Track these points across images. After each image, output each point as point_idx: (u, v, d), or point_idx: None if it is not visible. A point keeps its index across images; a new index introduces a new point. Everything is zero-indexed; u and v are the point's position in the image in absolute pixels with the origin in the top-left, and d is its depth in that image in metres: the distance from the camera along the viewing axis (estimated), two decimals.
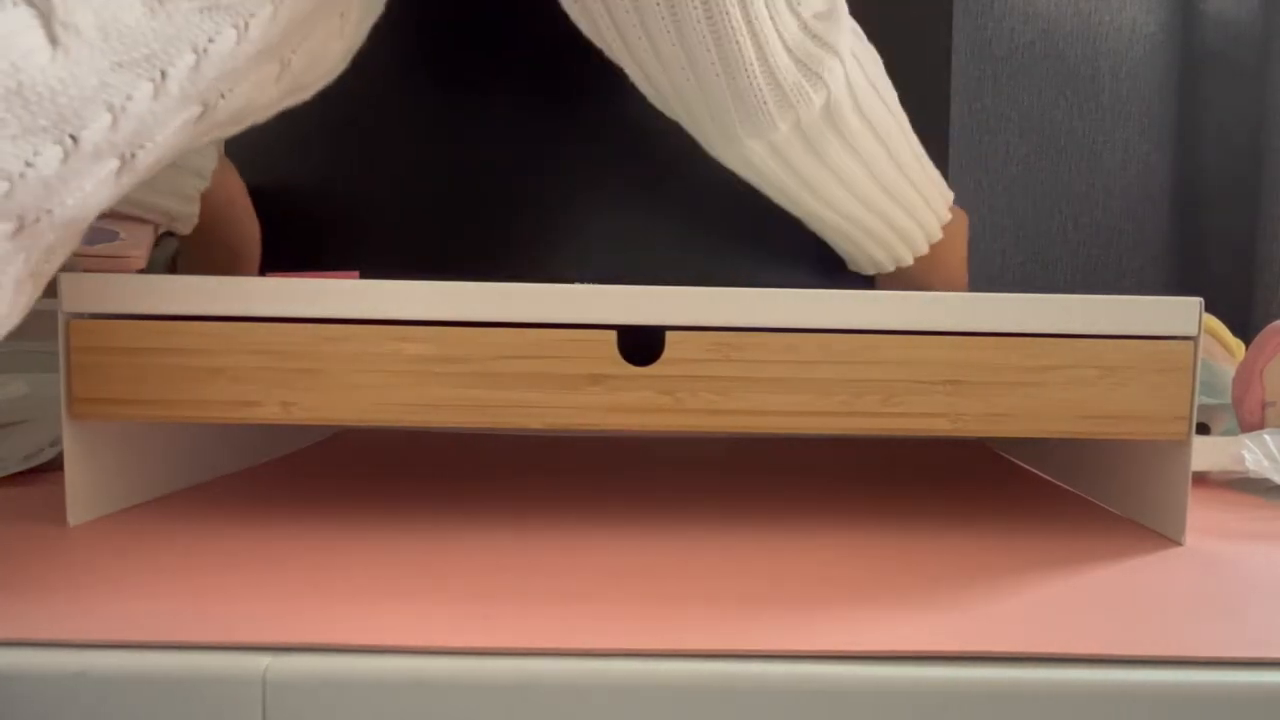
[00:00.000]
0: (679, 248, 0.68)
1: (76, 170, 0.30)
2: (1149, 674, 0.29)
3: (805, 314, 0.41)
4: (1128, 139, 0.87)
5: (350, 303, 0.40)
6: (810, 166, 0.53)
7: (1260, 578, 0.38)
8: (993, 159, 0.88)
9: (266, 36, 0.35)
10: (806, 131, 0.50)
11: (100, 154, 0.31)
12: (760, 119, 0.48)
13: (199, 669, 0.28)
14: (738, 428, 0.41)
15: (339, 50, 0.42)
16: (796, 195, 0.56)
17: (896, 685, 0.28)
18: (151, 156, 0.33)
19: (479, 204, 0.69)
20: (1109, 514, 0.49)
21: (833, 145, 0.51)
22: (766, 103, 0.47)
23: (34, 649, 0.29)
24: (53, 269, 0.33)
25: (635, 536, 0.43)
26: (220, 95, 0.35)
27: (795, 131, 0.49)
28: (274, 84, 0.38)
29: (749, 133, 0.49)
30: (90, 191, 0.31)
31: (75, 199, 0.31)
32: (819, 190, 0.55)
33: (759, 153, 0.51)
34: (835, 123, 0.50)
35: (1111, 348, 0.41)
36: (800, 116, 0.49)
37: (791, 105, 0.48)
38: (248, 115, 0.39)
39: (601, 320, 0.41)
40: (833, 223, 0.59)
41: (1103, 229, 0.88)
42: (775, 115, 0.48)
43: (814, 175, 0.53)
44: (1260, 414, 0.59)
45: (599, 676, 0.28)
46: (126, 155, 0.32)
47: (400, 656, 0.29)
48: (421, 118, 0.69)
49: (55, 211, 0.31)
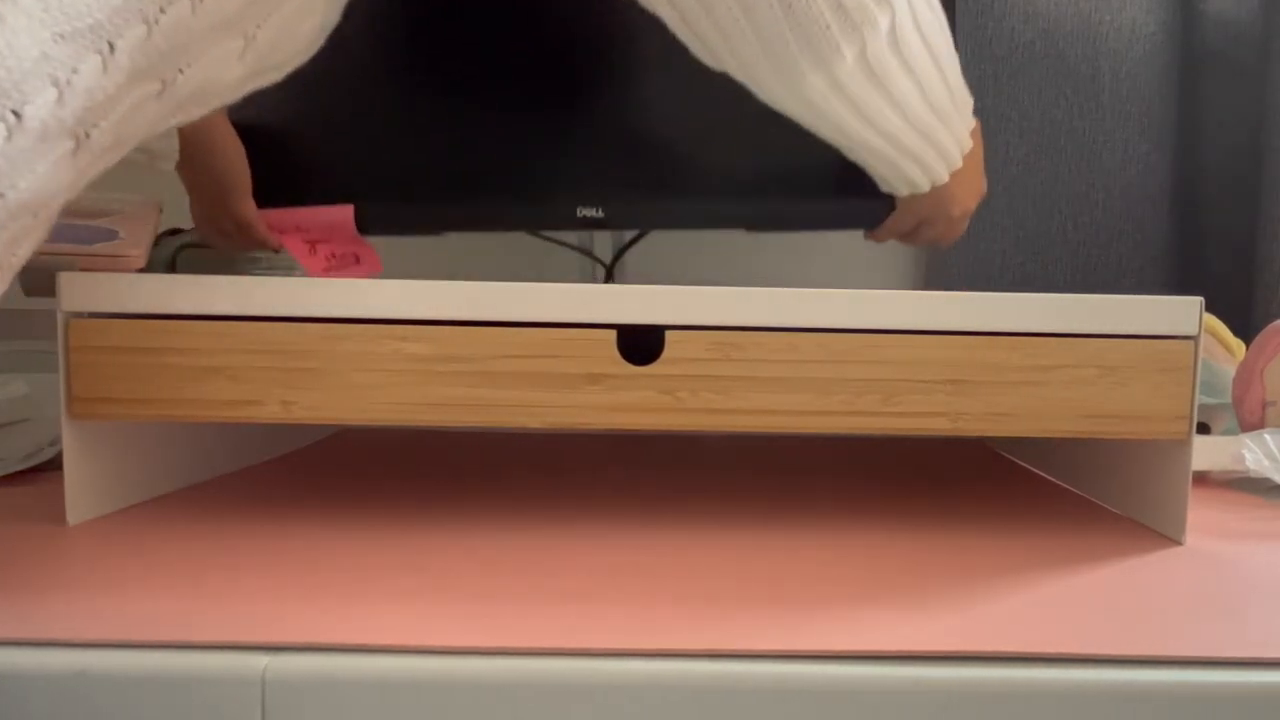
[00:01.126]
0: (682, 158, 0.66)
1: (24, 150, 0.29)
2: (1149, 674, 0.29)
3: (805, 314, 0.41)
4: (1128, 139, 0.87)
5: (350, 303, 0.40)
6: (873, 98, 0.50)
7: (1260, 577, 0.38)
8: (993, 159, 0.88)
9: (223, 8, 0.34)
10: (872, 61, 0.47)
11: (49, 133, 0.30)
12: (823, 47, 0.45)
13: (198, 668, 0.28)
14: (738, 427, 0.41)
15: (310, 28, 0.40)
16: (853, 129, 0.53)
17: (896, 685, 0.28)
18: (109, 137, 0.32)
19: (473, 128, 0.66)
20: (1109, 513, 0.49)
21: (896, 73, 0.48)
22: (830, 28, 0.44)
23: (34, 648, 0.29)
24: (19, 261, 0.32)
25: (634, 536, 0.42)
26: (179, 70, 0.34)
27: (860, 62, 0.46)
28: (238, 60, 0.37)
29: (812, 65, 0.46)
30: (45, 174, 0.30)
31: (28, 182, 0.30)
32: (874, 120, 0.52)
33: (819, 89, 0.48)
34: (899, 47, 0.47)
35: (1112, 347, 0.41)
36: (866, 42, 0.45)
37: (857, 27, 0.44)
38: (211, 95, 0.37)
39: (601, 320, 0.41)
40: (879, 149, 0.56)
41: (1103, 229, 0.88)
42: (840, 41, 0.45)
43: (874, 107, 0.51)
44: (1260, 413, 0.59)
45: (597, 676, 0.28)
46: (81, 135, 0.31)
47: (399, 656, 0.29)
48: (411, 43, 0.67)
49: (8, 195, 0.29)
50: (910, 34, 0.47)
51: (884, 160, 0.57)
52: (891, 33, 0.46)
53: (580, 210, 0.64)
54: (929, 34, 0.49)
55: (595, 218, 0.64)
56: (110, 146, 0.33)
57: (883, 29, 0.45)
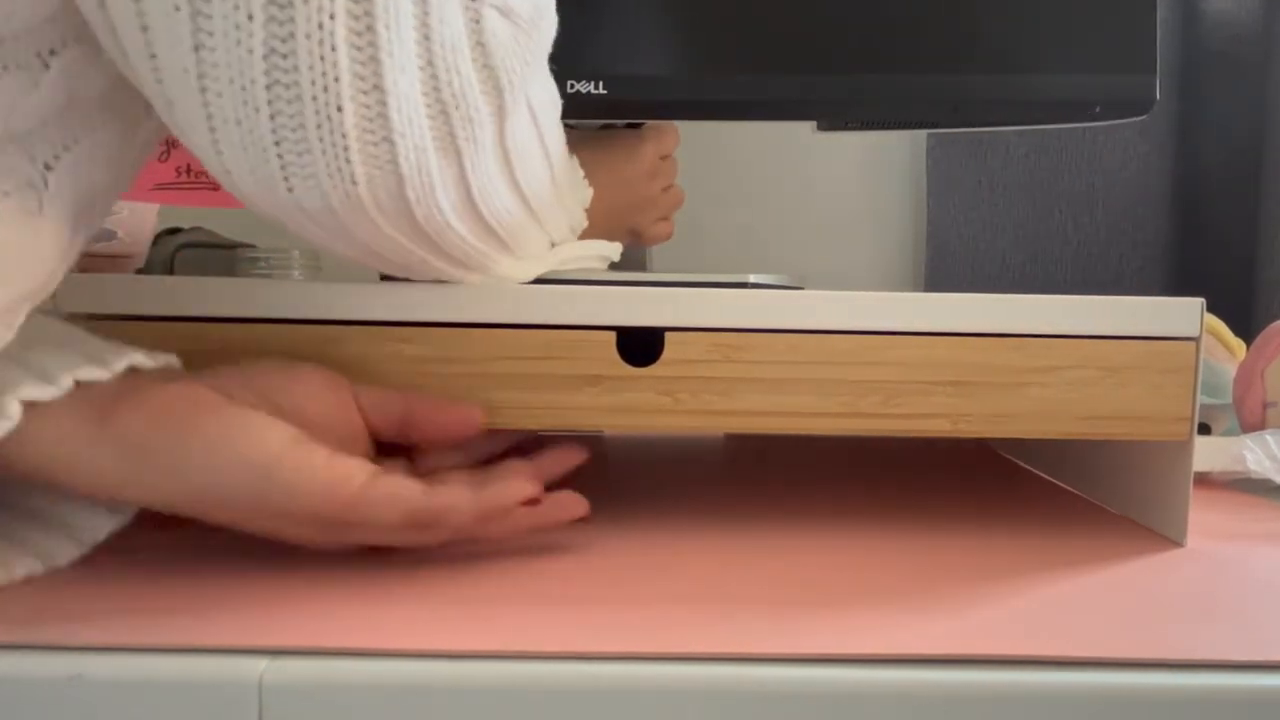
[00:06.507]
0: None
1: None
2: (1150, 677, 0.29)
3: (805, 315, 0.41)
4: (1128, 139, 0.87)
5: (350, 305, 0.40)
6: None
7: (1262, 579, 0.38)
8: (993, 159, 0.88)
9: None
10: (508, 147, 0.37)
11: None
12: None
13: (195, 672, 0.28)
14: (738, 428, 0.41)
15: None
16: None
17: (895, 689, 0.28)
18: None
19: None
20: (1110, 515, 0.49)
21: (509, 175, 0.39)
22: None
23: (29, 652, 0.29)
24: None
25: (633, 537, 0.42)
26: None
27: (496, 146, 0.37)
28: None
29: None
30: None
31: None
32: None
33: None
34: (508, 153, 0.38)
35: (1113, 348, 0.41)
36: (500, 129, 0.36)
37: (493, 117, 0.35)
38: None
39: (601, 322, 0.40)
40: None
41: (1103, 229, 0.88)
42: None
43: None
44: (1261, 414, 0.59)
45: (594, 680, 0.28)
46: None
47: (398, 660, 0.29)
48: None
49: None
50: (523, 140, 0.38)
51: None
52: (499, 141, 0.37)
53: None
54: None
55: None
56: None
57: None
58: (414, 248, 0.36)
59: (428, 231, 0.35)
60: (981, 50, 0.58)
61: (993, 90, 0.58)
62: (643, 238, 0.66)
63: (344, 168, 0.31)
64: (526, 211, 0.40)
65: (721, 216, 0.91)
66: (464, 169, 0.34)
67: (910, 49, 0.58)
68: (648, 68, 0.60)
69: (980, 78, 0.58)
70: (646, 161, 0.63)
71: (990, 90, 0.58)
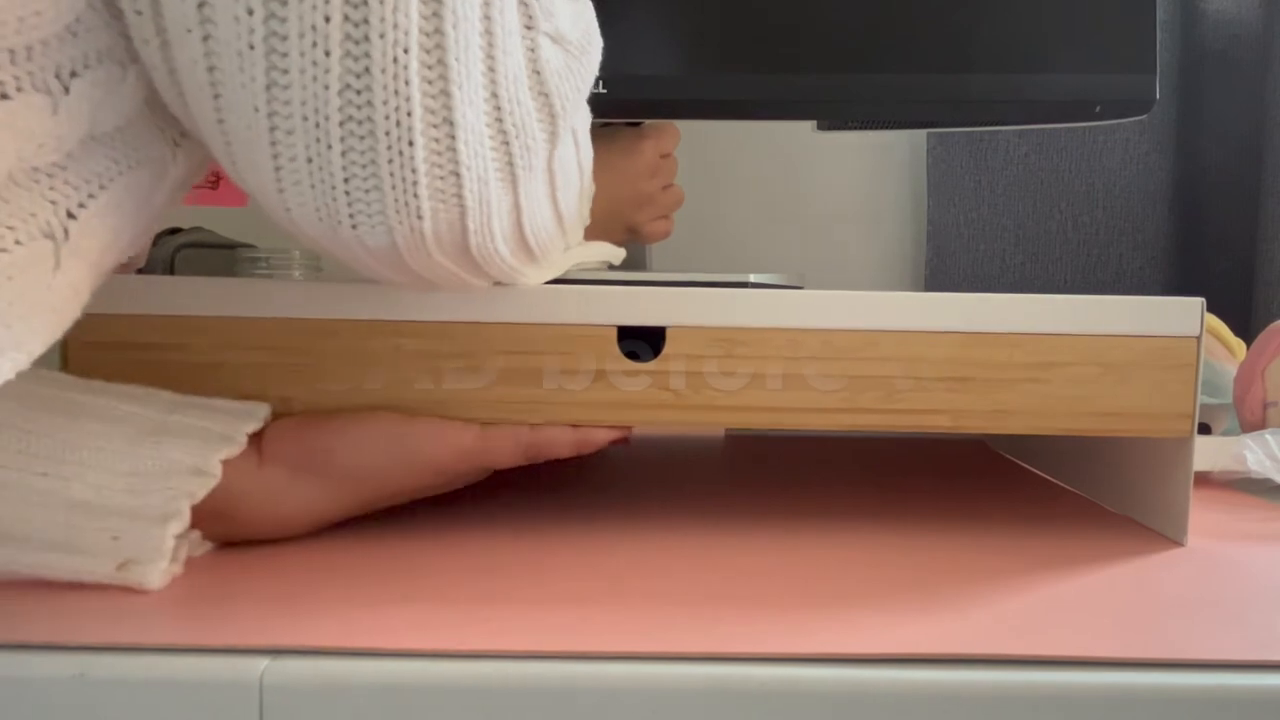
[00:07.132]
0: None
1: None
2: (1150, 677, 0.29)
3: (806, 314, 0.41)
4: (1128, 139, 0.87)
5: (349, 304, 0.40)
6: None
7: (1262, 579, 0.38)
8: (993, 159, 0.88)
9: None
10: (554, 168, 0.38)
11: None
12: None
13: (196, 672, 0.28)
14: (738, 424, 0.41)
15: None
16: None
17: (895, 689, 0.28)
18: None
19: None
20: (1110, 514, 0.49)
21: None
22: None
23: (32, 651, 0.29)
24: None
25: (634, 537, 0.42)
26: None
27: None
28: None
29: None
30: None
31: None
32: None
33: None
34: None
35: (1114, 345, 0.41)
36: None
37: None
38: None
39: (602, 321, 0.41)
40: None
41: (1103, 229, 0.88)
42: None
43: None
44: (1261, 414, 0.59)
45: (594, 680, 0.28)
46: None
47: (399, 659, 0.29)
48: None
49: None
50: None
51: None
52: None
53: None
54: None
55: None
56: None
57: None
58: (458, 270, 0.36)
59: (477, 258, 0.35)
60: (982, 50, 0.58)
61: (993, 90, 0.59)
62: (641, 235, 0.66)
63: (411, 202, 0.31)
64: (559, 228, 0.40)
65: (722, 215, 0.91)
66: (518, 196, 0.34)
67: (910, 49, 0.59)
68: (648, 67, 0.60)
69: (981, 77, 0.58)
70: (646, 158, 0.63)
71: (991, 90, 0.59)
